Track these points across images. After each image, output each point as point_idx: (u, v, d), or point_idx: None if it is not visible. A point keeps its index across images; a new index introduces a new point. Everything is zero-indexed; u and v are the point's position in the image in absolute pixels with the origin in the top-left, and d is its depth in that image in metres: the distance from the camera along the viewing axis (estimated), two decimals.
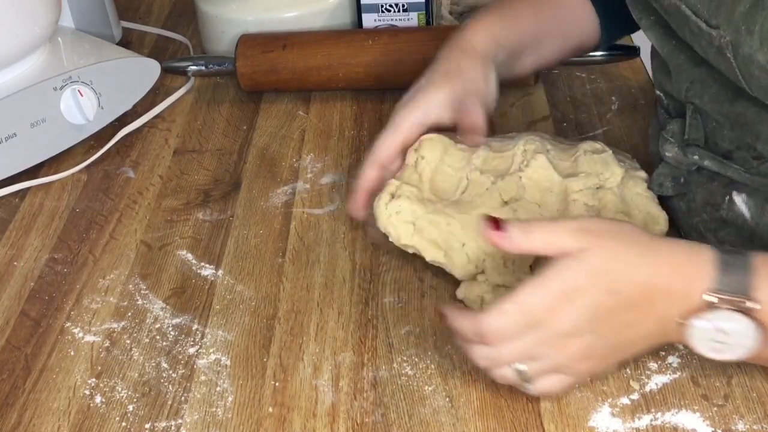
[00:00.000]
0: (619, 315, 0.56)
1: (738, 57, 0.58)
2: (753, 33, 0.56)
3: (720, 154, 0.66)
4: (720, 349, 0.56)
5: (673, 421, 0.59)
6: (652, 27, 0.69)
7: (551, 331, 0.56)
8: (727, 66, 0.59)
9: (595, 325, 0.56)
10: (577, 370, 0.59)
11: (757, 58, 0.56)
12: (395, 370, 0.64)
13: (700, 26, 0.60)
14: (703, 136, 0.67)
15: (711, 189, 0.67)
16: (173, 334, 0.68)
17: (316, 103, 0.95)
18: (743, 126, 0.63)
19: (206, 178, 0.85)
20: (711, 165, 0.66)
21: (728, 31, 0.57)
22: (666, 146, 0.69)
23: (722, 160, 0.65)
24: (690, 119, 0.67)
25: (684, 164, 0.69)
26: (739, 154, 0.64)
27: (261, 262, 0.74)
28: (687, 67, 0.66)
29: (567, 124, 0.88)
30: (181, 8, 1.15)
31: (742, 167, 0.64)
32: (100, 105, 0.89)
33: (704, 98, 0.65)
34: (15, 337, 0.69)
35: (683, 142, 0.68)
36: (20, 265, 0.76)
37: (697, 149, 0.67)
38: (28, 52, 0.87)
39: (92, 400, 0.63)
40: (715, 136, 0.66)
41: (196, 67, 0.98)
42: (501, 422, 0.59)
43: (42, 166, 0.87)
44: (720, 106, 0.64)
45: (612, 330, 0.57)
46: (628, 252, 0.56)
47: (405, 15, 0.99)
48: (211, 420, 0.61)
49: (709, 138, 0.66)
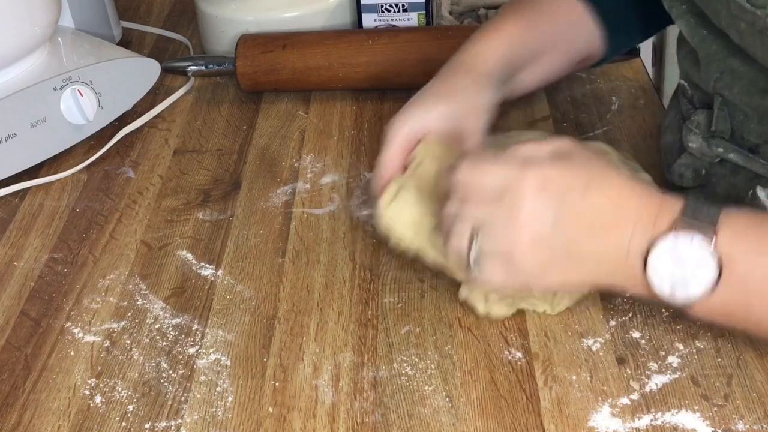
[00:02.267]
0: (584, 220, 0.57)
1: None
2: None
3: (746, 148, 0.65)
4: (676, 284, 0.55)
5: (673, 421, 0.59)
6: (683, 15, 0.67)
7: (517, 208, 0.57)
8: (764, 50, 0.58)
9: (558, 218, 0.57)
10: (525, 261, 0.58)
11: None
12: (395, 370, 0.64)
13: (743, 6, 0.58)
14: (730, 128, 0.66)
15: (734, 182, 0.66)
16: (173, 334, 0.68)
17: (316, 103, 0.95)
18: None
19: (206, 178, 0.85)
20: (736, 158, 0.66)
21: None
22: (690, 137, 0.68)
23: (748, 154, 0.65)
24: (717, 111, 0.66)
25: (708, 156, 0.68)
26: (766, 149, 0.64)
27: (261, 262, 0.74)
28: (718, 58, 0.65)
29: (567, 124, 0.88)
30: (181, 8, 1.15)
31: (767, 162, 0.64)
32: (100, 105, 0.89)
33: (734, 90, 0.64)
34: (15, 337, 0.69)
35: (708, 134, 0.67)
36: (20, 265, 0.76)
37: (722, 141, 0.66)
38: (28, 52, 0.87)
39: (92, 400, 0.63)
40: (742, 130, 0.65)
41: (196, 67, 0.98)
42: (501, 422, 0.59)
43: (42, 166, 0.87)
44: (750, 99, 0.63)
45: (572, 232, 0.57)
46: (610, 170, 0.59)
47: (405, 15, 0.99)
48: (211, 420, 0.61)
49: (736, 131, 0.65)
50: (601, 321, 0.66)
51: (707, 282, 0.55)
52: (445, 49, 0.81)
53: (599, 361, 0.63)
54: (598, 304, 0.67)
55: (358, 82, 0.94)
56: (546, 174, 0.57)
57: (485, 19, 1.03)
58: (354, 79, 0.93)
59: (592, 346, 0.64)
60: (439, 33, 0.94)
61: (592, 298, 0.68)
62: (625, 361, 0.63)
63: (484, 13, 1.04)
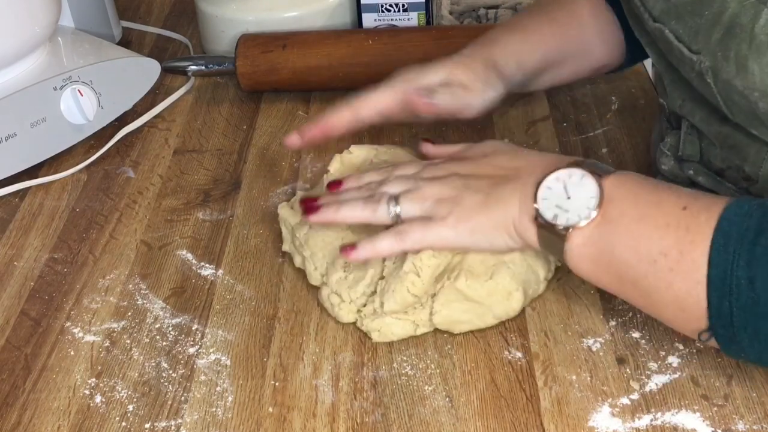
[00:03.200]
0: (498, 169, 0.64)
1: (718, 83, 0.58)
2: (729, 59, 0.56)
3: (714, 171, 0.65)
4: (559, 215, 0.59)
5: (673, 421, 0.59)
6: (650, 45, 0.69)
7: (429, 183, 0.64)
8: (708, 91, 0.59)
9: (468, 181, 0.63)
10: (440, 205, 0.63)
11: (735, 84, 0.56)
12: (395, 370, 0.64)
13: (682, 51, 0.60)
14: (699, 152, 0.67)
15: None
16: (173, 333, 0.68)
17: (316, 103, 0.95)
18: (732, 147, 0.63)
19: (206, 178, 0.85)
20: (705, 182, 0.66)
21: (707, 57, 0.58)
22: (662, 159, 0.69)
23: (716, 177, 0.65)
24: (685, 135, 0.67)
25: (680, 178, 0.68)
26: (730, 174, 0.64)
27: (261, 262, 0.74)
28: (680, 85, 0.66)
29: (567, 124, 0.89)
30: (181, 8, 1.15)
31: (734, 186, 0.64)
32: (100, 105, 0.89)
33: (695, 117, 0.65)
34: (15, 337, 0.69)
35: (678, 157, 0.68)
36: (20, 265, 0.76)
37: (692, 164, 0.67)
38: (28, 52, 0.87)
39: (92, 400, 0.63)
40: (709, 154, 0.66)
41: (196, 67, 0.98)
42: (501, 422, 0.59)
43: (42, 166, 0.87)
44: (710, 127, 0.64)
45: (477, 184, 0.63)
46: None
47: (405, 15, 0.99)
48: (211, 420, 0.61)
49: (704, 154, 0.66)
50: (601, 321, 0.66)
51: (585, 213, 0.58)
52: (445, 49, 0.81)
53: (599, 361, 0.63)
54: (598, 304, 0.67)
55: (358, 82, 0.94)
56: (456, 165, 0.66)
57: (485, 19, 1.03)
58: (354, 79, 0.93)
59: (592, 346, 0.64)
60: (439, 33, 0.94)
61: (591, 298, 0.68)
62: (625, 361, 0.63)
63: (484, 13, 1.04)
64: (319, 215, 0.66)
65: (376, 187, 0.67)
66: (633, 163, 0.82)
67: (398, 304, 0.64)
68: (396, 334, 0.65)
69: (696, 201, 0.56)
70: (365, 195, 0.66)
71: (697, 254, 0.54)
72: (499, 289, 0.64)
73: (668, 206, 0.56)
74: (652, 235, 0.56)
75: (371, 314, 0.65)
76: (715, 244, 0.53)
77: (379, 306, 0.64)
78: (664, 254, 0.55)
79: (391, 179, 0.67)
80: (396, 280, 0.64)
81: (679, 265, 0.54)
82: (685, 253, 0.54)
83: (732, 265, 0.52)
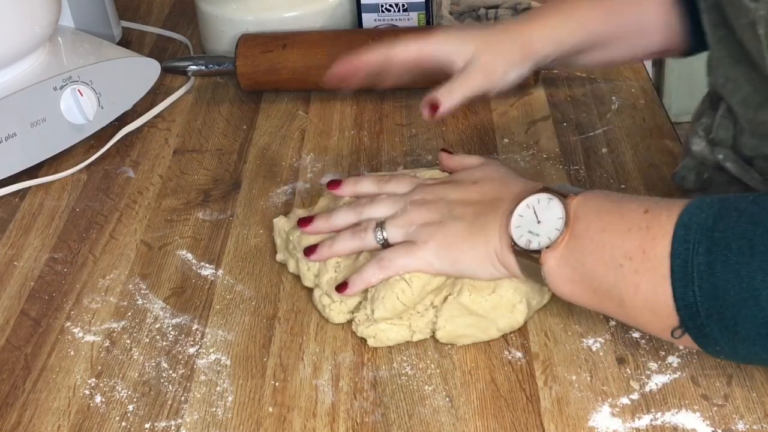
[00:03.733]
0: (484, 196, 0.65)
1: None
2: None
3: (743, 159, 0.65)
4: (532, 240, 0.60)
5: (673, 421, 0.59)
6: (709, 10, 0.67)
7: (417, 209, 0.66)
8: (756, 46, 0.58)
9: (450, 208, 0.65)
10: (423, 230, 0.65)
11: None
12: (395, 370, 0.64)
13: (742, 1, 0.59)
14: (731, 138, 0.66)
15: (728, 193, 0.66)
16: (173, 333, 0.68)
17: (316, 103, 0.95)
18: (763, 136, 0.62)
19: (206, 177, 0.85)
20: (733, 168, 0.66)
21: (763, 5, 0.57)
22: (695, 139, 0.69)
23: (744, 165, 0.65)
24: (720, 119, 0.66)
25: (709, 161, 0.68)
26: (759, 163, 0.64)
27: (261, 262, 0.74)
28: (725, 63, 0.65)
29: (567, 124, 0.88)
30: (181, 8, 1.15)
31: (761, 175, 0.64)
32: (100, 105, 0.89)
33: (734, 99, 0.64)
34: (15, 337, 0.69)
35: (711, 140, 0.67)
36: (20, 265, 0.76)
37: (722, 149, 0.66)
38: (28, 52, 0.87)
39: (92, 400, 0.63)
40: (740, 141, 0.65)
41: (196, 67, 0.98)
42: (501, 422, 0.59)
43: (42, 165, 0.87)
44: (746, 111, 0.63)
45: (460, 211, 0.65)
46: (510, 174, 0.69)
47: (405, 15, 0.99)
48: (211, 420, 0.61)
49: (736, 141, 0.66)
50: (601, 321, 0.66)
51: (555, 235, 0.60)
52: None
53: (599, 361, 0.63)
54: None
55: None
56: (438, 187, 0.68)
57: (485, 19, 1.03)
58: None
59: (592, 346, 0.64)
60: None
61: None
62: (625, 361, 0.63)
63: (484, 13, 1.04)
64: (317, 254, 0.68)
65: (367, 203, 0.69)
66: (633, 163, 0.82)
67: (388, 311, 0.64)
68: (392, 339, 0.65)
69: (657, 204, 0.57)
70: (353, 220, 0.68)
71: (660, 249, 0.54)
72: (503, 302, 0.64)
73: (630, 212, 0.57)
74: (616, 241, 0.57)
75: (365, 321, 0.65)
76: (676, 236, 0.54)
77: (371, 312, 0.65)
78: (629, 257, 0.56)
79: (381, 198, 0.69)
80: (386, 288, 0.64)
81: (643, 264, 0.55)
82: (648, 251, 0.55)
83: (692, 253, 0.53)
